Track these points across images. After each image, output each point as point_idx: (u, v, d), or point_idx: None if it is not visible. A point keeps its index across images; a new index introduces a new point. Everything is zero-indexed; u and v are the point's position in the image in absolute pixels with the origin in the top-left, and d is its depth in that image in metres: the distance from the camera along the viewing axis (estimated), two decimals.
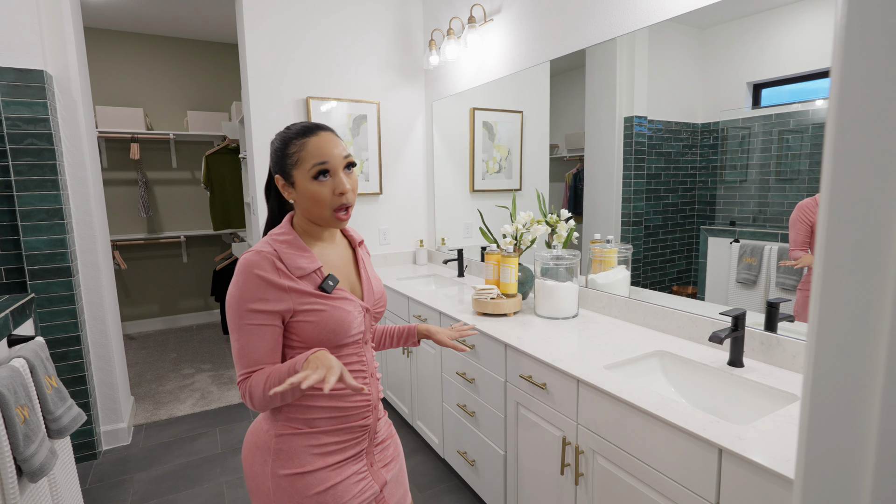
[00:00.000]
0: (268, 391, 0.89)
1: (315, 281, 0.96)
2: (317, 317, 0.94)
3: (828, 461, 0.32)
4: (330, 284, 0.97)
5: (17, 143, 2.07)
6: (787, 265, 1.40)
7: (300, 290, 0.94)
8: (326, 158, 0.95)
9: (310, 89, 2.80)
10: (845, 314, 0.31)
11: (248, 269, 0.91)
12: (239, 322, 0.92)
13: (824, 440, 0.33)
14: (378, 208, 3.10)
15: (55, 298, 2.18)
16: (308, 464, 0.96)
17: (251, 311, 0.91)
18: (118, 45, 4.10)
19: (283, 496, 0.96)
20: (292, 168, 0.96)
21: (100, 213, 2.54)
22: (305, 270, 0.95)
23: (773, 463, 0.88)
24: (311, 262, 0.97)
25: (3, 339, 1.51)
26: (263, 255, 0.93)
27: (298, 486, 0.95)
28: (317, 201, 0.95)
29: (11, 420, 1.20)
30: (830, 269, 0.31)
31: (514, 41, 2.33)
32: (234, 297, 0.92)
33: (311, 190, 0.95)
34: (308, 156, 0.95)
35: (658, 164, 1.74)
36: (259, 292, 0.91)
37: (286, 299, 0.93)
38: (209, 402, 2.99)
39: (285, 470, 0.95)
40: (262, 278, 0.91)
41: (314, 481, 0.96)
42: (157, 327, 4.52)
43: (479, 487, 1.88)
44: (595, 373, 1.30)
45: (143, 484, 2.19)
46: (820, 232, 0.31)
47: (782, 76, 1.39)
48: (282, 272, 0.93)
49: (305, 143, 0.95)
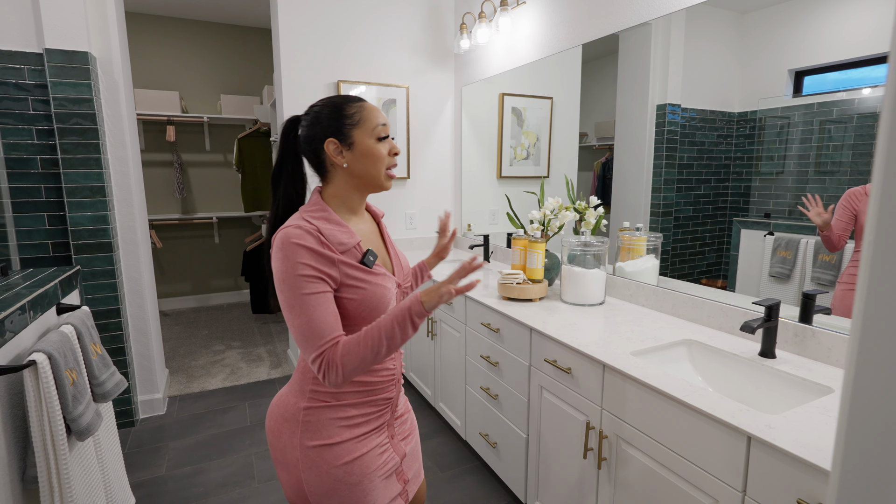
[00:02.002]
0: (378, 346, 0.87)
1: (356, 256, 0.96)
2: (359, 294, 0.94)
3: (868, 453, 0.33)
4: (371, 259, 0.97)
5: (64, 123, 2.15)
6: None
7: (347, 262, 0.94)
8: (385, 121, 1.01)
9: (341, 73, 2.82)
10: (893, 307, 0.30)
11: (293, 242, 0.89)
12: (296, 295, 0.88)
13: (865, 432, 0.33)
14: (405, 193, 3.13)
15: (97, 272, 2.29)
16: (335, 435, 0.98)
17: (305, 277, 0.88)
18: (156, 29, 4.20)
19: (311, 466, 0.98)
20: (352, 128, 0.97)
21: (139, 192, 2.63)
22: (347, 245, 0.95)
23: (803, 452, 0.87)
24: (350, 236, 0.96)
25: (52, 307, 1.59)
26: (305, 228, 0.91)
27: (326, 457, 0.98)
28: (376, 159, 0.98)
29: (62, 381, 1.27)
30: (879, 259, 0.31)
31: (546, 24, 2.30)
32: (283, 272, 0.89)
33: (372, 147, 0.98)
34: (371, 115, 0.99)
35: (690, 154, 1.71)
36: (309, 259, 0.89)
37: (335, 271, 0.92)
38: (238, 377, 3.09)
39: (313, 441, 0.98)
40: (309, 248, 0.89)
41: (341, 452, 0.99)
42: (190, 305, 4.68)
43: (499, 469, 1.91)
44: (621, 359, 1.30)
45: (178, 451, 2.29)
46: (870, 219, 0.31)
47: (826, 63, 1.34)
48: (326, 245, 0.92)
49: (364, 106, 0.99)
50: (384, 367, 1.04)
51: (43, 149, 2.16)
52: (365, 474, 1.00)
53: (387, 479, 1.05)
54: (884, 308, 0.31)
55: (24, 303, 1.36)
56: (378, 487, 1.03)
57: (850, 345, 0.33)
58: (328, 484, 0.98)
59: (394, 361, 1.07)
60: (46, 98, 2.13)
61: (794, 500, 0.88)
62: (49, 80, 2.11)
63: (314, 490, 0.99)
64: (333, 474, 0.98)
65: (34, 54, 2.11)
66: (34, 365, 1.21)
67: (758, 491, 0.95)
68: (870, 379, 0.32)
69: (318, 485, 0.99)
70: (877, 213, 0.31)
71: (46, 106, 2.14)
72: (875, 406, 0.32)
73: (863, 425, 0.33)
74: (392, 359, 1.06)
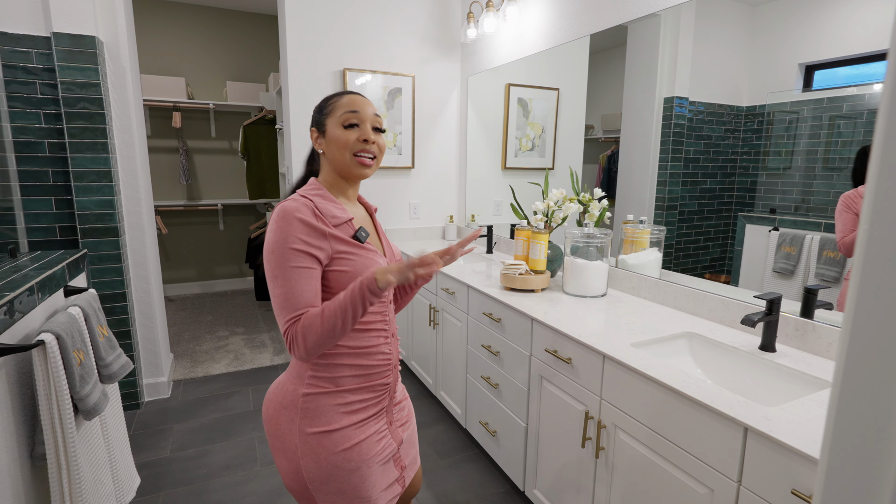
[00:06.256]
0: (333, 320, 0.88)
1: (348, 231, 1.00)
2: (351, 266, 0.97)
3: (854, 443, 0.33)
4: (363, 234, 1.01)
5: (72, 107, 2.16)
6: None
7: (338, 236, 0.97)
8: (357, 108, 1.03)
9: (347, 61, 2.81)
10: (884, 303, 0.31)
11: (289, 215, 0.93)
12: (282, 266, 0.91)
13: (852, 423, 0.33)
14: (409, 182, 3.13)
15: (104, 256, 2.31)
16: (334, 422, 1.00)
17: (295, 251, 0.92)
18: (163, 14, 4.19)
19: (310, 453, 0.99)
20: (326, 117, 1.04)
21: (145, 178, 2.65)
22: (340, 219, 0.99)
23: (799, 444, 0.88)
24: (343, 212, 1.01)
25: (60, 290, 1.61)
26: (301, 202, 0.96)
27: (325, 444, 0.99)
28: (341, 144, 1.01)
29: (69, 361, 1.29)
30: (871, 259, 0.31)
31: (553, 14, 2.28)
32: (275, 242, 0.92)
33: (338, 135, 1.01)
34: (341, 106, 1.03)
35: (697, 148, 1.70)
36: (302, 234, 0.93)
37: (326, 246, 0.95)
38: (242, 363, 3.12)
39: (313, 428, 0.99)
40: (304, 221, 0.93)
41: (340, 439, 1.00)
42: (194, 291, 4.72)
43: (499, 457, 1.93)
44: (621, 350, 1.31)
45: (182, 434, 2.33)
46: (864, 219, 0.31)
47: (838, 57, 1.32)
48: (320, 218, 0.96)
49: (340, 97, 1.05)
50: (379, 350, 1.05)
51: (50, 133, 2.17)
52: (363, 460, 1.02)
53: (384, 465, 1.07)
54: (874, 301, 0.32)
55: (33, 284, 1.38)
56: (375, 473, 1.04)
57: (840, 337, 0.34)
58: (327, 470, 1.00)
59: (389, 346, 1.07)
60: (54, 82, 2.14)
61: (789, 491, 0.89)
62: (56, 64, 2.12)
63: (313, 476, 1.00)
64: (332, 461, 0.99)
65: (42, 38, 2.11)
66: (42, 345, 1.23)
67: (753, 481, 0.96)
68: (859, 370, 0.33)
69: (316, 471, 1.00)
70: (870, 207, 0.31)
71: (54, 90, 2.15)
72: (862, 397, 0.33)
73: (850, 416, 0.34)
74: (387, 343, 1.07)
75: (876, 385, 0.32)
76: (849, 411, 0.34)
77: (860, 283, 0.32)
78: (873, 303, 0.32)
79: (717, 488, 1.03)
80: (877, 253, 0.31)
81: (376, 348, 1.05)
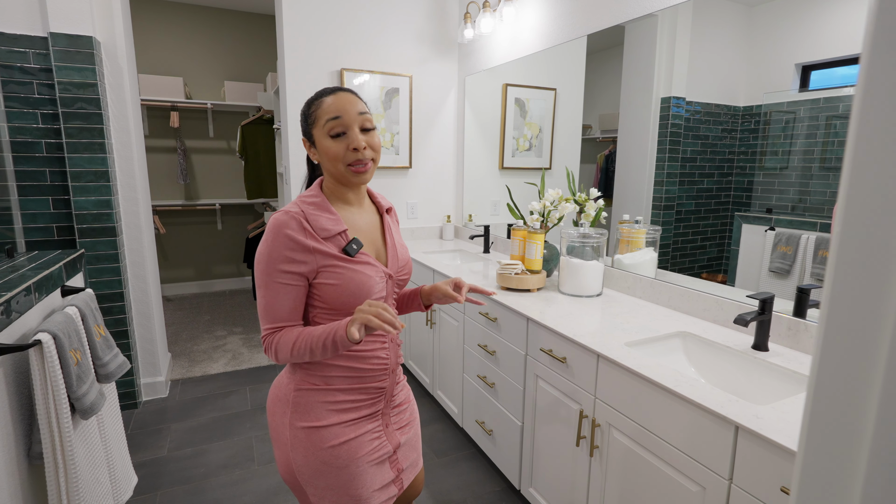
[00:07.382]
0: (302, 353, 0.94)
1: (339, 243, 0.99)
2: (338, 279, 0.97)
3: (829, 438, 0.34)
4: (353, 248, 0.99)
5: (69, 107, 2.17)
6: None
7: (324, 251, 0.96)
8: (339, 113, 0.98)
9: (344, 61, 2.82)
10: (855, 300, 0.32)
11: (278, 229, 0.95)
12: (267, 279, 0.96)
13: (827, 418, 0.34)
14: (407, 182, 3.13)
15: (101, 256, 2.31)
16: (323, 418, 1.01)
17: (279, 270, 0.95)
18: (160, 14, 4.19)
19: (299, 446, 1.01)
20: (311, 127, 1.01)
21: (142, 178, 2.65)
22: (330, 232, 0.98)
23: (789, 442, 0.89)
24: (336, 224, 0.99)
25: (56, 290, 1.62)
26: (291, 214, 0.96)
27: (314, 439, 1.01)
28: (332, 157, 0.99)
29: (66, 361, 1.30)
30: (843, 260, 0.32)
31: (550, 14, 2.29)
32: (263, 255, 0.96)
33: (327, 147, 0.99)
34: (323, 113, 0.99)
35: (694, 148, 1.70)
36: (287, 252, 0.94)
37: (311, 261, 0.96)
38: (240, 362, 3.13)
39: (302, 422, 1.01)
40: (291, 238, 0.94)
41: (328, 435, 1.01)
42: (192, 291, 4.72)
43: (495, 456, 1.94)
44: (616, 349, 1.31)
45: (179, 433, 2.33)
46: (836, 224, 0.32)
47: (834, 58, 1.33)
48: (308, 232, 0.96)
49: (322, 102, 1.00)
50: (375, 356, 1.05)
51: (48, 133, 2.17)
52: (352, 459, 1.02)
53: (378, 466, 1.07)
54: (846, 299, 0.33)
55: (30, 284, 1.38)
56: (367, 472, 1.04)
57: (816, 334, 0.34)
58: (314, 465, 1.01)
59: (387, 352, 1.07)
60: (51, 82, 2.14)
61: (778, 488, 0.90)
62: (54, 64, 2.12)
63: (302, 470, 1.02)
64: (320, 456, 1.00)
65: (39, 38, 2.11)
66: (39, 344, 1.24)
67: (743, 478, 0.97)
68: (832, 366, 0.34)
69: (305, 465, 1.01)
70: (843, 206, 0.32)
71: (51, 90, 2.15)
72: (835, 391, 0.34)
73: (824, 410, 0.35)
74: (384, 348, 1.06)
75: (847, 379, 0.33)
76: (823, 404, 0.35)
77: (833, 282, 0.33)
78: (846, 303, 0.33)
79: (709, 486, 1.03)
80: (848, 254, 0.32)
81: (372, 353, 1.05)
